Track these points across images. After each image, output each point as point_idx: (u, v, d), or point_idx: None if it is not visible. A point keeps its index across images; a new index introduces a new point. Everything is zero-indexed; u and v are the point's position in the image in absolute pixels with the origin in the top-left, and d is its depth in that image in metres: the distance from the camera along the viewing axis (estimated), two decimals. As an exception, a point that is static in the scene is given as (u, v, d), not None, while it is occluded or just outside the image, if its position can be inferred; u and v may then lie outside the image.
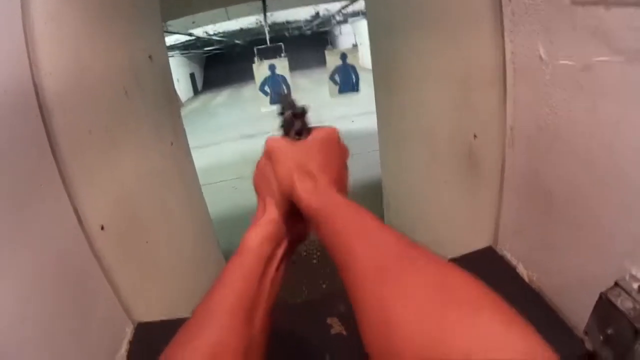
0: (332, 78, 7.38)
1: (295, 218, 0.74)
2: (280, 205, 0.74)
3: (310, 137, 0.76)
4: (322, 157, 0.74)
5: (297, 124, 0.78)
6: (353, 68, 7.29)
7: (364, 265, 0.51)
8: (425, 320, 0.40)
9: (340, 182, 0.76)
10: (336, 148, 0.78)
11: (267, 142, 0.77)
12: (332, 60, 7.23)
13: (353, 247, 0.55)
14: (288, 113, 0.79)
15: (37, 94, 0.98)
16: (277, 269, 0.71)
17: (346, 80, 7.41)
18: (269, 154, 0.76)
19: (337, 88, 7.46)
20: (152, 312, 1.35)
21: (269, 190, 0.75)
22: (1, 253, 0.78)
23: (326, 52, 7.30)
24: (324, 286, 3.42)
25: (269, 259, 0.69)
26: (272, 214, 0.73)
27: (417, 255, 0.50)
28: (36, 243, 0.89)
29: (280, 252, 0.72)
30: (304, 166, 0.72)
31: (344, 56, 7.28)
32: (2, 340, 0.74)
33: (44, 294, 0.89)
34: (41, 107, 0.99)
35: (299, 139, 0.76)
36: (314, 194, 0.68)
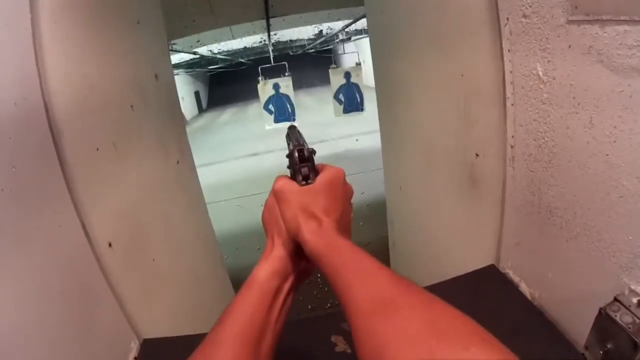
0: (336, 97, 7.44)
1: (302, 255, 0.76)
2: (287, 244, 0.76)
3: (317, 181, 0.78)
4: (327, 200, 0.77)
5: (304, 170, 0.79)
6: (357, 87, 7.34)
7: (362, 305, 0.55)
8: (417, 354, 0.44)
9: (343, 222, 0.78)
10: (341, 190, 0.80)
11: (275, 183, 0.79)
12: (336, 79, 7.28)
13: (352, 288, 0.58)
14: (296, 157, 0.81)
15: (46, 111, 1.00)
16: (284, 302, 0.74)
17: (350, 99, 7.47)
18: (277, 196, 0.78)
19: (342, 107, 7.51)
20: (157, 327, 1.36)
21: (277, 229, 0.78)
22: (8, 266, 0.79)
23: (330, 71, 7.40)
24: (328, 305, 3.42)
25: (277, 292, 0.72)
26: (279, 251, 0.76)
27: (410, 293, 0.54)
28: (43, 257, 0.91)
29: (287, 286, 0.75)
30: (310, 209, 0.74)
31: (347, 75, 7.34)
32: (7, 354, 0.75)
33: (50, 307, 0.90)
34: (51, 124, 1.01)
35: (306, 184, 0.78)
36: (317, 237, 0.70)
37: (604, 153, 0.81)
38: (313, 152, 0.82)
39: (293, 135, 0.89)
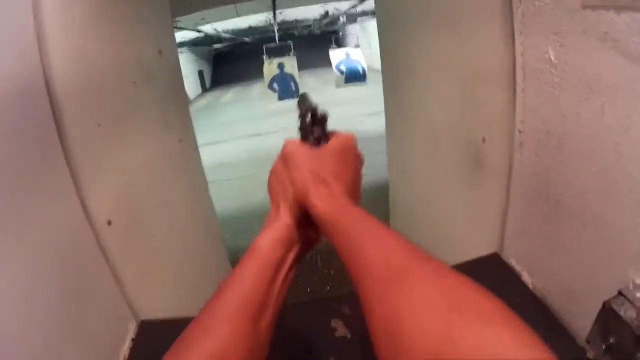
0: (337, 67, 7.75)
1: (308, 224, 0.74)
2: (294, 210, 0.74)
3: (328, 145, 0.77)
4: (338, 166, 0.75)
5: (317, 131, 0.78)
6: (358, 62, 7.65)
7: (374, 273, 0.52)
8: (435, 325, 0.41)
9: (354, 190, 0.77)
10: (352, 156, 0.79)
11: (285, 146, 0.78)
12: (337, 55, 7.78)
13: (363, 255, 0.56)
14: (308, 119, 0.79)
15: (47, 86, 0.99)
16: (287, 274, 0.71)
17: (352, 70, 7.67)
18: (286, 159, 0.77)
19: (343, 78, 7.75)
20: (156, 309, 1.36)
21: (284, 195, 0.76)
22: (5, 244, 0.78)
23: (330, 51, 7.91)
24: (327, 289, 3.42)
25: (280, 263, 0.70)
26: (285, 219, 0.74)
27: (425, 261, 0.51)
28: (41, 236, 0.90)
29: (291, 257, 0.73)
30: (320, 174, 0.73)
31: (347, 54, 7.85)
32: (4, 333, 0.74)
33: (48, 287, 0.89)
34: (51, 98, 1.00)
35: (317, 146, 0.77)
36: (327, 202, 0.69)
37: (614, 143, 0.79)
38: (326, 116, 0.81)
39: (306, 100, 0.87)
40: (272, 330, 0.67)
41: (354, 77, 7.68)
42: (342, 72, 7.70)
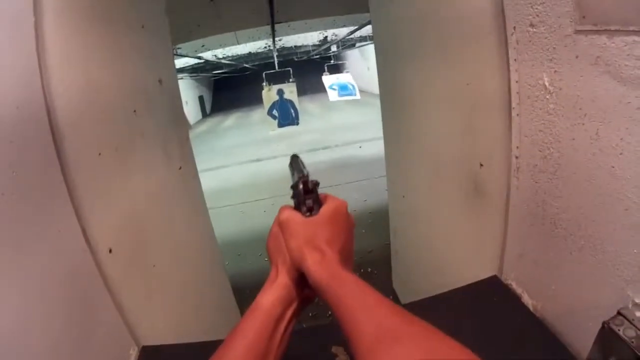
0: (330, 87, 9.12)
1: (304, 283, 0.77)
2: (291, 272, 0.78)
3: (320, 213, 0.80)
4: (330, 232, 0.78)
5: (309, 202, 0.82)
6: (347, 81, 9.14)
7: (364, 335, 0.57)
8: None
9: (346, 252, 0.80)
10: (344, 221, 0.82)
11: (280, 213, 0.81)
12: (328, 80, 9.20)
13: (355, 319, 0.60)
14: (300, 190, 0.82)
15: (49, 115, 1.00)
16: (286, 328, 0.75)
17: (343, 86, 9.10)
18: (282, 226, 0.80)
19: (336, 92, 9.14)
20: (157, 334, 1.36)
21: (282, 257, 0.79)
22: (6, 271, 0.78)
23: (323, 77, 9.37)
24: (329, 314, 3.40)
25: (280, 318, 0.74)
26: (283, 279, 0.78)
27: (412, 325, 0.57)
28: (43, 262, 0.90)
29: (289, 313, 0.76)
30: (313, 241, 0.76)
31: (337, 78, 9.28)
32: (5, 357, 0.75)
33: (49, 313, 0.90)
34: (53, 128, 1.01)
35: (310, 215, 0.80)
36: (321, 268, 0.72)
37: (610, 165, 0.80)
38: (317, 183, 0.84)
39: (296, 165, 0.92)
40: None
41: (345, 90, 9.07)
42: (334, 89, 9.10)
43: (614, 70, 0.76)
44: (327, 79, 9.34)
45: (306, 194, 0.82)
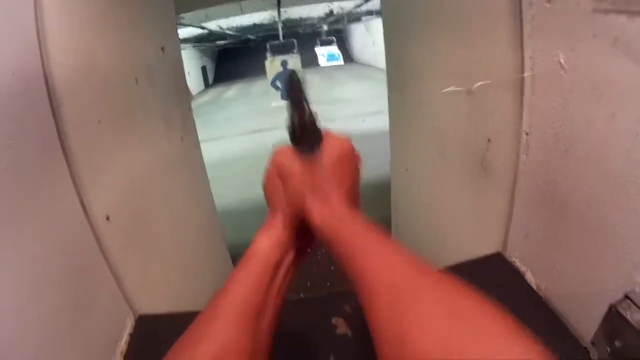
0: (321, 55, 12.37)
1: (304, 229, 0.74)
2: (290, 217, 0.74)
3: (322, 152, 0.73)
4: (334, 173, 0.73)
5: (308, 139, 0.74)
6: (333, 51, 12.84)
7: (379, 286, 0.52)
8: (442, 342, 0.41)
9: (352, 194, 0.75)
10: (348, 160, 0.76)
11: (275, 155, 0.76)
12: (319, 51, 11.99)
13: (367, 268, 0.55)
14: (296, 125, 0.73)
15: (46, 82, 0.98)
16: (285, 275, 0.71)
17: (330, 55, 13.06)
18: (279, 171, 0.75)
19: (325, 58, 12.81)
20: (155, 304, 1.36)
21: (279, 201, 0.75)
22: (4, 240, 0.78)
23: (316, 48, 12.56)
24: (328, 284, 3.43)
25: (278, 264, 0.70)
26: (282, 222, 0.74)
27: (429, 275, 0.52)
28: (40, 230, 0.89)
29: (288, 259, 0.73)
30: (315, 183, 0.71)
31: (327, 49, 12.25)
32: (2, 327, 0.74)
33: (46, 282, 0.89)
34: (50, 95, 0.99)
35: (310, 154, 0.73)
36: (325, 215, 0.68)
37: (624, 147, 0.79)
38: (315, 116, 0.76)
39: (294, 88, 0.78)
40: (271, 332, 0.67)
41: (332, 58, 12.93)
42: (323, 56, 12.62)
43: (634, 52, 0.74)
44: (319, 50, 12.71)
45: (303, 130, 0.74)
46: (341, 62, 12.47)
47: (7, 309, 0.76)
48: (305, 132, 0.74)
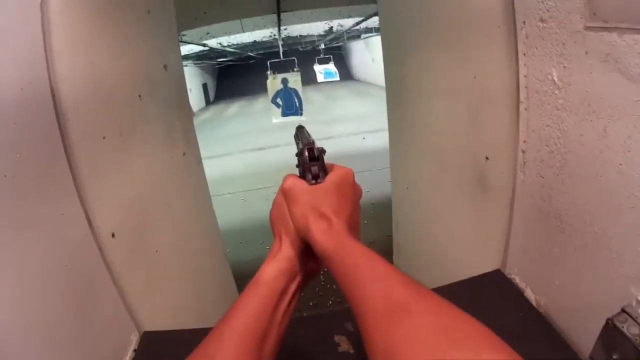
0: (319, 72, 13.22)
1: (309, 255, 0.76)
2: (295, 243, 0.76)
3: (326, 181, 0.78)
4: (337, 200, 0.76)
5: (314, 169, 0.79)
6: (331, 69, 13.32)
7: (373, 307, 0.54)
8: (429, 356, 0.44)
9: (353, 222, 0.78)
10: (350, 189, 0.80)
11: (284, 181, 0.79)
12: (318, 68, 13.25)
13: (363, 290, 0.57)
14: (306, 155, 0.80)
15: (53, 97, 1.00)
16: (290, 303, 0.73)
17: (328, 72, 13.24)
18: (285, 195, 0.78)
19: (322, 75, 13.29)
20: (158, 320, 1.36)
21: (285, 228, 0.77)
22: (8, 254, 0.79)
23: (314, 66, 13.38)
24: (330, 303, 3.42)
25: (283, 292, 0.71)
26: (287, 251, 0.76)
27: (423, 298, 0.54)
28: (45, 245, 0.90)
29: (293, 286, 0.74)
30: (319, 209, 0.74)
31: (324, 66, 13.35)
32: (5, 341, 0.75)
33: (51, 297, 0.90)
34: (57, 110, 1.01)
35: (315, 183, 0.78)
36: (327, 236, 0.70)
37: (617, 162, 0.80)
38: (323, 151, 0.82)
39: (302, 134, 0.89)
40: (275, 354, 0.68)
41: (329, 75, 13.11)
42: (321, 73, 13.09)
43: (624, 68, 0.75)
44: (317, 67, 13.24)
45: (312, 160, 0.80)
46: (337, 78, 13.49)
47: (11, 324, 0.76)
48: (312, 162, 0.80)
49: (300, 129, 0.93)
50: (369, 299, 0.55)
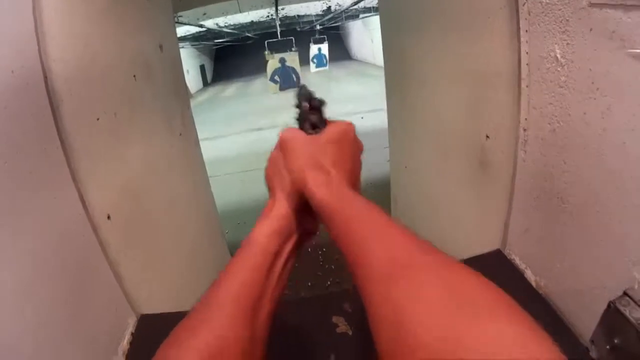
0: (312, 60, 13.59)
1: (306, 213, 0.73)
2: (291, 199, 0.72)
3: (326, 131, 0.75)
4: (337, 152, 0.73)
5: (313, 117, 0.77)
6: (324, 54, 13.70)
7: (376, 263, 0.50)
8: (439, 321, 0.39)
9: (353, 177, 0.75)
10: (351, 143, 0.77)
11: (282, 133, 0.76)
12: (312, 50, 13.64)
13: (364, 244, 0.54)
14: (305, 105, 0.78)
15: (45, 79, 0.98)
16: (285, 264, 0.70)
17: (320, 62, 13.84)
18: (282, 146, 0.75)
19: (315, 65, 13.85)
20: (156, 303, 1.36)
21: (281, 183, 0.74)
22: (3, 238, 0.77)
23: (310, 45, 13.48)
24: (328, 283, 3.43)
25: (277, 253, 0.69)
26: (282, 208, 0.73)
27: (429, 254, 0.50)
28: (39, 229, 0.89)
29: (288, 247, 0.71)
30: (318, 160, 0.71)
31: (319, 48, 13.60)
32: (2, 327, 0.74)
33: (46, 280, 0.89)
34: (49, 92, 0.99)
35: (314, 133, 0.75)
36: (326, 189, 0.66)
37: (621, 141, 0.79)
38: (323, 102, 0.79)
39: (304, 90, 0.85)
40: (269, 321, 0.66)
41: (320, 64, 13.69)
42: (314, 62, 13.40)
43: (629, 46, 0.73)
44: (311, 50, 13.40)
45: (311, 109, 0.78)
46: (327, 67, 13.90)
47: (6, 309, 0.75)
48: (311, 112, 0.78)
49: (302, 87, 0.88)
50: (371, 257, 0.52)
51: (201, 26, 10.67)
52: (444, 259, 0.48)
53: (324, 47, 13.25)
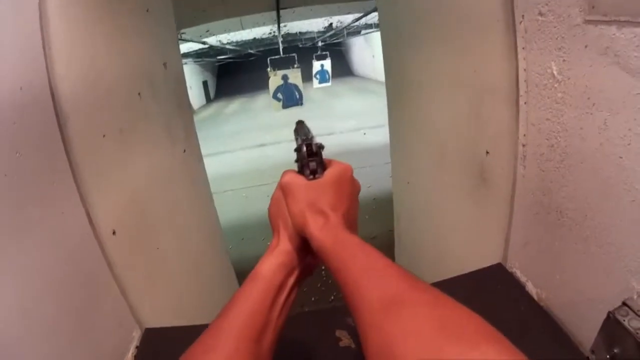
0: (315, 76, 13.85)
1: (307, 250, 0.76)
2: (293, 237, 0.76)
3: (324, 176, 0.78)
4: (334, 195, 0.76)
5: (313, 164, 0.79)
6: (326, 70, 13.78)
7: (369, 301, 0.54)
8: (426, 353, 0.43)
9: (350, 218, 0.78)
10: (348, 185, 0.80)
11: (283, 177, 0.80)
12: (315, 67, 13.76)
13: (359, 284, 0.58)
14: (304, 151, 0.81)
15: (52, 96, 1.00)
16: (287, 297, 0.73)
17: (323, 77, 13.90)
18: (284, 189, 0.79)
19: (317, 81, 13.93)
20: (160, 317, 1.36)
21: (283, 223, 0.78)
22: (9, 253, 0.78)
23: (313, 62, 13.58)
24: (331, 298, 3.43)
25: (280, 287, 0.72)
26: (285, 245, 0.76)
27: (420, 291, 0.54)
28: (46, 244, 0.90)
29: (291, 280, 0.75)
30: (317, 204, 0.74)
31: (321, 64, 13.66)
32: (6, 339, 0.75)
33: (52, 295, 0.90)
34: (56, 109, 1.01)
35: (313, 178, 0.78)
36: (324, 232, 0.70)
37: (617, 155, 0.80)
38: (321, 146, 0.82)
39: (301, 129, 0.90)
40: (272, 349, 0.69)
41: (323, 80, 13.84)
42: (317, 78, 13.66)
43: (623, 61, 0.75)
44: (314, 66, 13.62)
45: (310, 156, 0.80)
46: (329, 83, 14.18)
47: (12, 322, 0.76)
48: (309, 158, 0.80)
49: (300, 124, 0.93)
50: (365, 292, 0.56)
51: (204, 43, 10.73)
52: (433, 294, 0.52)
53: (327, 64, 13.55)
